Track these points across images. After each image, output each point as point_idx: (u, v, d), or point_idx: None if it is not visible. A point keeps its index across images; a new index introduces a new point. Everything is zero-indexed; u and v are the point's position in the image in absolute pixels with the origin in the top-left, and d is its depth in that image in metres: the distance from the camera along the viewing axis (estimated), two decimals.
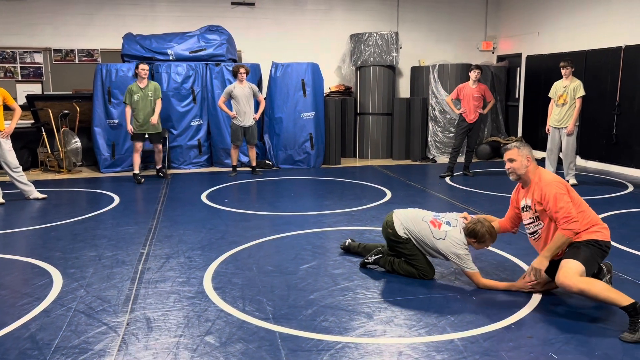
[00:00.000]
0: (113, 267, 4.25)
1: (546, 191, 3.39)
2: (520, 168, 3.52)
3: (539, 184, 3.47)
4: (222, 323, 3.25)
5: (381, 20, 11.11)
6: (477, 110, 8.13)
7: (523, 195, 3.62)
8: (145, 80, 7.77)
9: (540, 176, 3.50)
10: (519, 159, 3.51)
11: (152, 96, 7.79)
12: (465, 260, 3.74)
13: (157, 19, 10.14)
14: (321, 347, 2.95)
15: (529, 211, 3.57)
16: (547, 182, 3.42)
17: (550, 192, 3.37)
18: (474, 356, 2.85)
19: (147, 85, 7.77)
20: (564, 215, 3.31)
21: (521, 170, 3.52)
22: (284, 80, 9.12)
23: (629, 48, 8.29)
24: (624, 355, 2.86)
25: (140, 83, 7.75)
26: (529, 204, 3.55)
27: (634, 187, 7.42)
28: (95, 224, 5.59)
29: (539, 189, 3.44)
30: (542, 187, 3.42)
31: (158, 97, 7.89)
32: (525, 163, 3.51)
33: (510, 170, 3.56)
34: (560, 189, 3.38)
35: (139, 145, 7.87)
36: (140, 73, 7.72)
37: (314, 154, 9.30)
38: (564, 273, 3.24)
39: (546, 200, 3.38)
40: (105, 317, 3.33)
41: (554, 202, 3.35)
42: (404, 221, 3.99)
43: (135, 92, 7.70)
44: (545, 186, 3.40)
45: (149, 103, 7.77)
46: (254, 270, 4.18)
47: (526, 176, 3.55)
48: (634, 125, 8.30)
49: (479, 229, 3.70)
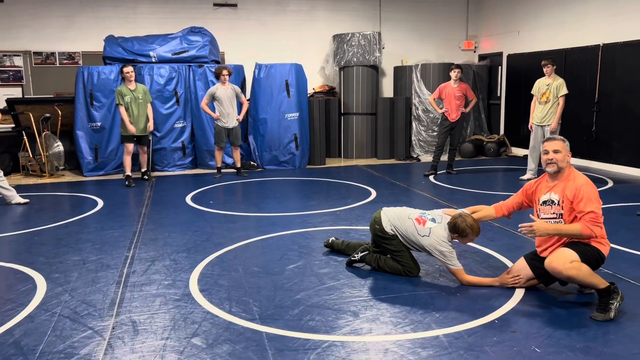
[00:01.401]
0: (98, 271, 4.22)
1: (583, 191, 3.37)
2: (563, 160, 3.50)
3: (573, 181, 3.45)
4: (208, 325, 3.26)
5: (363, 20, 11.17)
6: (459, 109, 8.22)
7: (547, 189, 3.57)
8: (133, 82, 7.71)
9: (576, 176, 3.50)
10: (564, 151, 3.51)
11: (143, 99, 7.73)
12: (449, 257, 3.79)
13: (138, 21, 10.07)
14: (308, 347, 2.97)
15: (552, 206, 3.52)
16: (584, 182, 3.43)
17: (586, 192, 3.37)
18: (458, 352, 2.89)
19: (136, 88, 7.72)
20: (593, 217, 3.33)
21: (563, 163, 3.50)
22: (268, 81, 9.12)
23: (607, 46, 8.44)
24: (604, 347, 2.92)
25: (129, 85, 7.68)
26: (554, 199, 3.50)
27: (613, 183, 7.55)
28: (79, 228, 5.54)
29: (574, 188, 3.41)
30: (578, 186, 3.40)
31: (149, 101, 7.88)
32: (568, 157, 3.53)
33: (554, 160, 3.50)
34: (595, 193, 3.41)
35: (131, 147, 7.84)
36: (127, 76, 7.64)
37: (299, 155, 9.31)
38: (557, 258, 3.32)
39: (579, 199, 3.37)
40: (91, 321, 3.32)
41: (586, 203, 3.35)
42: (391, 218, 4.03)
43: (125, 94, 7.62)
44: (582, 186, 3.39)
45: (140, 105, 7.71)
46: (240, 271, 4.18)
47: (563, 170, 3.53)
48: (612, 122, 8.45)
49: (459, 224, 3.74)
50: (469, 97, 8.31)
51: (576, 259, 3.31)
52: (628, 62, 8.08)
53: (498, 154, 10.47)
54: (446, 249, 3.78)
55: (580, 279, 3.30)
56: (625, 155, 8.30)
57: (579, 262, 3.30)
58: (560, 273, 3.31)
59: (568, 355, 2.83)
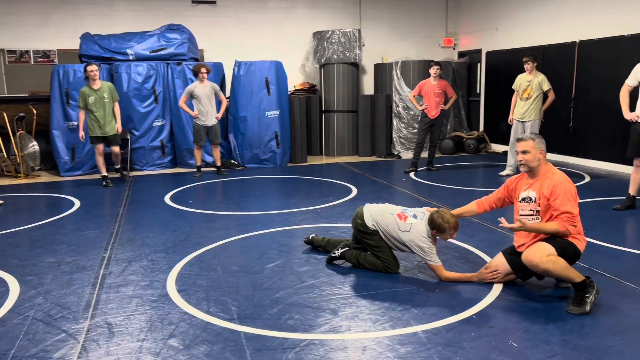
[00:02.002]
0: (73, 272, 4.15)
1: (559, 189, 3.39)
2: (533, 160, 3.52)
3: (551, 179, 3.47)
4: (185, 325, 3.21)
5: (343, 17, 11.15)
6: (438, 106, 8.25)
7: (526, 187, 3.60)
8: (97, 81, 7.48)
9: (553, 173, 3.51)
10: (533, 151, 3.52)
11: (108, 97, 7.51)
12: (429, 253, 3.79)
13: (115, 18, 9.93)
14: (286, 346, 2.95)
15: (529, 203, 3.55)
16: (561, 180, 3.44)
17: (563, 190, 3.38)
18: (436, 347, 2.89)
19: (100, 87, 7.48)
20: (569, 217, 3.36)
21: (533, 162, 3.53)
22: (248, 79, 9.06)
23: (583, 43, 8.55)
24: (580, 340, 2.95)
25: (93, 85, 7.45)
26: (532, 196, 3.53)
27: (590, 178, 7.66)
28: (54, 229, 5.44)
29: (551, 185, 3.43)
30: (555, 183, 3.42)
31: (116, 100, 7.64)
32: (539, 156, 3.53)
33: (523, 162, 3.55)
34: (572, 191, 3.42)
35: (101, 147, 7.64)
36: (91, 75, 7.39)
37: (280, 153, 9.27)
38: (534, 251, 3.36)
39: (555, 196, 3.39)
40: (65, 324, 3.25)
41: (563, 201, 3.37)
42: (373, 214, 4.04)
43: (89, 94, 7.40)
44: (560, 184, 3.41)
45: (105, 105, 7.49)
46: (218, 271, 4.14)
47: (537, 169, 3.55)
48: (589, 117, 8.57)
49: (436, 219, 3.76)
50: (449, 94, 8.36)
51: (553, 253, 3.34)
52: (603, 58, 8.19)
53: (478, 150, 10.55)
54: (426, 245, 3.79)
55: (557, 273, 3.34)
56: (601, 151, 8.42)
57: (555, 256, 3.33)
58: (537, 266, 3.34)
59: (544, 349, 2.85)
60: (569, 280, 3.35)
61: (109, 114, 7.54)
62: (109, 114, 7.54)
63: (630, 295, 3.54)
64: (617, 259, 4.27)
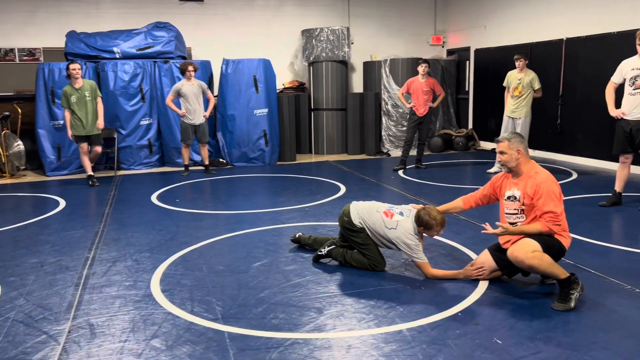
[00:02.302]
0: (56, 273, 4.09)
1: (542, 188, 3.39)
2: (510, 161, 3.53)
3: (534, 178, 3.46)
4: (169, 326, 3.18)
5: (332, 15, 11.12)
6: (426, 103, 8.25)
7: (511, 185, 3.60)
8: (79, 80, 7.41)
9: (537, 171, 3.51)
10: (509, 152, 3.52)
11: (90, 96, 7.44)
12: (415, 250, 3.78)
13: (101, 16, 9.83)
14: (270, 345, 2.93)
15: (514, 202, 3.56)
16: (545, 179, 3.43)
17: (546, 190, 3.38)
18: (421, 345, 2.88)
19: (82, 85, 7.41)
20: (552, 217, 3.36)
21: (512, 163, 3.53)
22: (236, 77, 9.01)
23: (570, 40, 8.58)
24: (564, 337, 2.95)
25: (75, 84, 7.38)
26: (516, 195, 3.54)
27: (577, 175, 7.69)
28: (38, 229, 5.37)
29: (535, 185, 3.43)
30: (538, 183, 3.42)
31: (97, 97, 7.56)
32: (516, 155, 3.52)
33: (502, 162, 3.57)
34: (555, 190, 3.42)
35: (86, 147, 7.58)
36: (73, 73, 7.33)
37: (269, 151, 9.23)
38: (519, 247, 3.36)
39: (539, 195, 3.39)
40: (46, 325, 3.20)
41: (546, 201, 3.37)
42: (360, 211, 4.02)
43: (71, 94, 7.33)
44: (542, 183, 3.40)
45: (87, 103, 7.42)
46: (204, 270, 4.10)
47: (517, 168, 3.55)
48: (576, 114, 8.60)
49: (422, 216, 3.75)
50: (437, 91, 8.35)
51: (538, 249, 3.34)
52: (590, 56, 8.23)
53: (467, 148, 10.57)
54: (412, 242, 3.77)
55: (542, 269, 3.34)
56: (588, 148, 8.46)
57: (540, 252, 3.33)
58: (522, 262, 3.34)
59: (528, 346, 2.84)
60: (554, 276, 3.36)
61: (91, 112, 7.46)
62: (91, 113, 7.47)
63: (615, 292, 3.55)
64: (603, 256, 4.28)
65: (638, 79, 5.36)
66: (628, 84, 5.47)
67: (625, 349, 2.81)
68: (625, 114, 5.50)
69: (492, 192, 3.81)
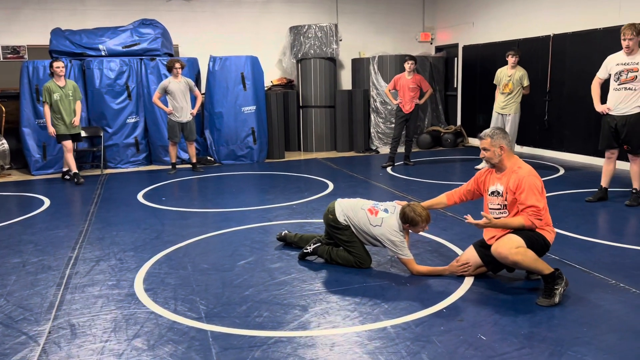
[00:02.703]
0: (38, 273, 4.04)
1: (525, 183, 3.38)
2: (493, 157, 3.53)
3: (517, 173, 3.46)
4: (151, 325, 3.14)
5: (320, 12, 11.08)
6: (413, 100, 8.23)
7: (495, 180, 3.60)
8: (62, 78, 7.37)
9: (520, 166, 3.50)
10: (491, 149, 3.52)
11: (73, 96, 7.44)
12: (400, 247, 3.77)
13: (87, 13, 9.72)
14: (253, 344, 2.90)
15: (498, 197, 3.56)
16: (527, 174, 3.42)
17: (528, 184, 3.38)
18: (405, 342, 2.86)
19: (66, 85, 7.39)
20: (534, 211, 3.36)
21: (495, 159, 3.54)
22: (223, 74, 8.95)
23: (557, 36, 8.61)
24: (548, 332, 2.95)
25: (58, 82, 7.35)
26: (500, 190, 3.54)
27: (564, 170, 7.73)
28: (22, 229, 5.30)
29: (517, 179, 3.42)
30: (520, 177, 3.42)
31: (79, 98, 7.56)
32: (499, 152, 3.51)
33: (485, 158, 3.59)
34: (537, 184, 3.41)
35: (70, 144, 7.53)
36: (57, 71, 7.29)
37: (257, 149, 9.19)
38: (503, 243, 3.36)
39: (521, 190, 3.39)
40: (26, 326, 3.15)
41: (528, 195, 3.37)
42: (344, 209, 4.01)
43: (54, 90, 7.28)
44: (524, 178, 3.40)
45: (71, 103, 7.42)
46: (188, 269, 4.06)
47: (501, 164, 3.55)
48: (563, 110, 8.64)
49: (407, 213, 3.74)
50: (424, 88, 8.34)
51: (522, 245, 3.34)
52: (577, 52, 8.26)
53: (455, 144, 10.59)
54: (397, 239, 3.76)
55: (526, 265, 3.33)
56: (575, 143, 8.50)
57: (524, 248, 3.33)
58: (506, 258, 3.33)
59: (512, 342, 2.84)
60: (538, 272, 3.36)
61: (73, 112, 7.48)
62: (73, 113, 7.48)
63: (599, 286, 3.56)
64: (588, 251, 4.29)
65: (623, 75, 5.38)
66: (613, 79, 5.48)
67: (608, 343, 2.82)
68: (610, 110, 5.52)
69: (476, 188, 3.81)
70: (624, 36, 5.29)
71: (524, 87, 7.58)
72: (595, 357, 2.67)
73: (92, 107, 8.66)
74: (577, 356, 2.69)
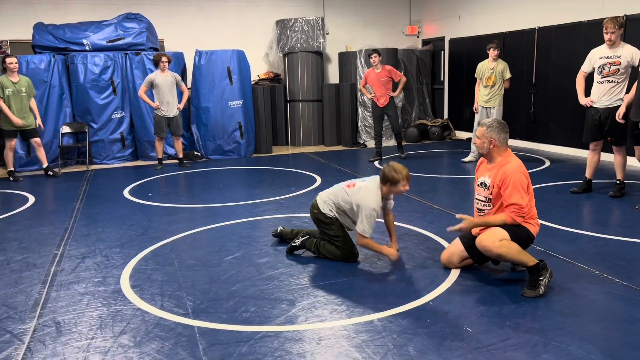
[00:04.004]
0: (22, 271, 3.99)
1: (510, 179, 3.40)
2: (481, 147, 3.57)
3: (504, 167, 3.47)
4: (138, 322, 3.12)
5: (307, 5, 11.04)
6: (387, 93, 8.16)
7: (486, 171, 3.62)
8: (15, 74, 7.32)
9: (509, 161, 3.51)
10: (482, 138, 3.55)
11: (26, 92, 7.38)
12: (368, 216, 3.76)
13: (70, 8, 9.58)
14: (240, 339, 2.90)
15: (484, 189, 3.59)
16: (514, 170, 3.44)
17: (513, 181, 3.39)
18: (391, 335, 2.88)
19: (18, 80, 7.33)
20: (516, 209, 3.39)
21: (482, 150, 3.58)
22: (209, 69, 8.89)
23: (542, 29, 8.66)
24: (533, 323, 2.98)
25: (11, 77, 7.28)
26: (487, 182, 3.57)
27: (550, 162, 7.79)
28: (5, 226, 5.24)
29: (503, 175, 3.45)
30: (506, 173, 3.44)
31: (32, 95, 7.52)
32: (488, 145, 3.53)
33: (476, 145, 3.65)
34: (523, 181, 3.43)
35: (14, 143, 7.57)
36: (9, 67, 7.25)
37: (244, 143, 9.16)
38: (487, 236, 3.40)
39: (505, 186, 3.42)
40: (10, 324, 3.12)
41: (512, 192, 3.39)
42: (325, 199, 4.03)
43: (7, 86, 7.22)
44: (510, 174, 3.42)
45: (23, 99, 7.35)
46: (175, 265, 4.05)
47: (489, 155, 3.57)
48: (549, 103, 8.70)
49: (387, 172, 3.78)
50: (395, 78, 8.16)
51: (506, 238, 3.37)
52: (562, 45, 8.32)
53: (442, 137, 10.63)
54: (368, 207, 3.75)
55: (510, 257, 3.36)
56: (561, 136, 8.58)
57: (508, 241, 3.36)
58: (490, 251, 3.36)
59: (497, 333, 2.87)
60: (522, 264, 3.39)
61: (26, 107, 7.41)
62: (25, 108, 7.41)
63: (583, 277, 3.60)
64: (573, 242, 4.34)
65: (606, 68, 5.43)
66: (596, 72, 5.53)
67: (591, 333, 2.86)
68: (594, 102, 5.57)
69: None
70: (606, 29, 5.34)
71: (506, 79, 7.63)
72: (579, 347, 2.71)
73: (76, 102, 8.57)
74: (561, 346, 2.72)
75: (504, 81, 7.65)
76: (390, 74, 8.13)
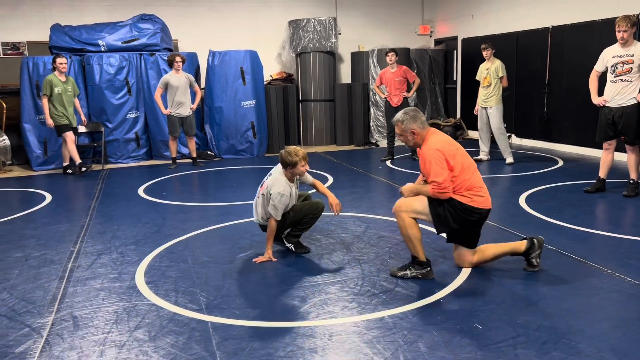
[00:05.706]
0: (40, 267, 4.09)
1: (426, 157, 3.48)
2: (408, 142, 3.63)
3: (423, 148, 3.56)
4: (152, 317, 3.19)
5: (319, 6, 11.08)
6: (401, 93, 8.16)
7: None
8: (64, 74, 7.67)
9: (427, 139, 3.55)
10: (404, 134, 3.59)
11: (72, 92, 7.74)
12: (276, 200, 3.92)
13: (85, 9, 9.73)
14: (253, 334, 2.95)
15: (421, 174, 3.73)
16: (429, 147, 3.49)
17: (428, 158, 3.46)
18: (402, 332, 2.91)
19: (67, 80, 7.68)
20: (435, 186, 3.44)
21: (410, 143, 3.64)
22: (222, 69, 8.97)
23: (556, 28, 8.61)
24: (543, 320, 2.99)
25: (60, 77, 7.60)
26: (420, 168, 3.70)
27: (563, 162, 7.75)
28: (24, 223, 5.35)
29: (422, 154, 3.55)
30: (423, 151, 3.53)
31: (77, 94, 7.90)
32: (412, 137, 3.57)
33: (403, 142, 3.69)
34: (438, 156, 3.43)
35: (72, 135, 7.80)
36: (60, 67, 7.57)
37: (257, 143, 9.22)
38: (459, 259, 3.75)
39: (424, 162, 3.52)
40: (29, 318, 3.20)
41: (430, 170, 3.45)
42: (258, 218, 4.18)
43: (56, 84, 7.50)
44: (426, 152, 3.50)
45: (70, 98, 7.70)
46: (189, 262, 4.11)
47: (416, 145, 3.63)
48: (562, 102, 8.65)
49: (284, 156, 4.01)
50: (410, 79, 8.19)
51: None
52: (575, 44, 8.26)
53: (455, 137, 10.60)
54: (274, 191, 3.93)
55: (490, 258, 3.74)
56: (574, 135, 8.52)
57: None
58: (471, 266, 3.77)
59: (507, 330, 2.88)
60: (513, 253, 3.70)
61: (70, 107, 7.74)
62: (70, 107, 7.74)
63: (594, 276, 3.60)
64: (585, 241, 4.33)
65: (619, 67, 5.40)
66: (609, 71, 5.50)
67: (602, 331, 2.86)
68: (607, 102, 5.55)
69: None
70: (618, 28, 5.31)
71: (500, 77, 7.59)
72: (589, 345, 2.72)
73: (92, 102, 8.69)
74: (571, 344, 2.73)
75: (500, 80, 7.61)
76: (405, 75, 8.16)
